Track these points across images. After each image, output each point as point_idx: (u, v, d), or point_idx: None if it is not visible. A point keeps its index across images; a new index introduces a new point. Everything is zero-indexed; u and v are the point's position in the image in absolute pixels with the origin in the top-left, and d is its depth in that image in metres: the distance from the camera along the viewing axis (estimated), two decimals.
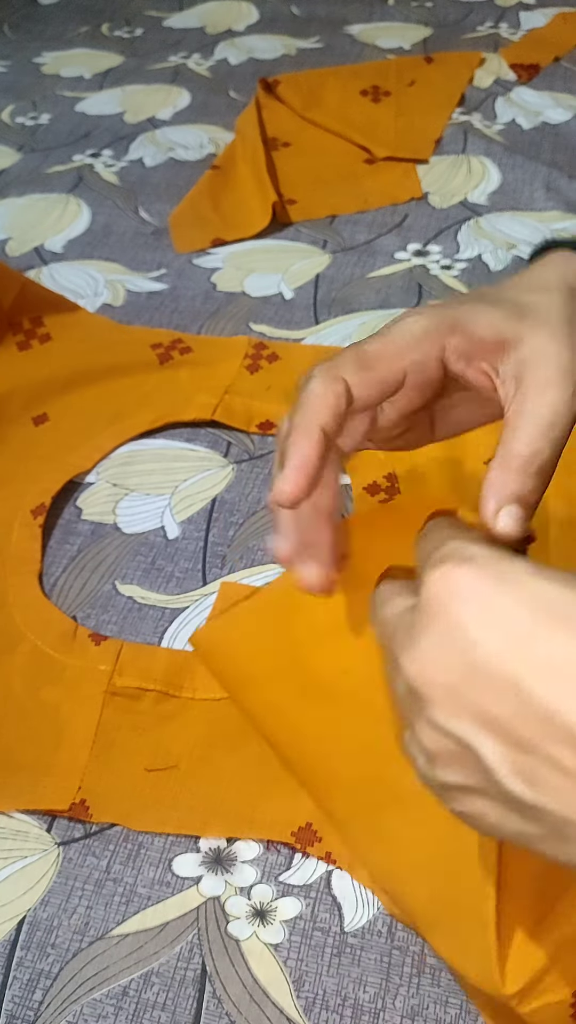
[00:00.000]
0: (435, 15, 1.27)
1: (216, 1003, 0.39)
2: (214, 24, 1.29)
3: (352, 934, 0.41)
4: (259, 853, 0.43)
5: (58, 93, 1.13)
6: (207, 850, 0.43)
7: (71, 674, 0.50)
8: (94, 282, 0.81)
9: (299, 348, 0.72)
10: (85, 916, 0.42)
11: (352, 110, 1.04)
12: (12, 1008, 0.39)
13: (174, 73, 1.16)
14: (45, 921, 0.41)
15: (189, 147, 1.01)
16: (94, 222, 0.89)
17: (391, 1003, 0.39)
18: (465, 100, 1.05)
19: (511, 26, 1.22)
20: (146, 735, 0.47)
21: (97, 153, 1.00)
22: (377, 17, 1.28)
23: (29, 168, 0.98)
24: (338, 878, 0.42)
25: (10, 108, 1.11)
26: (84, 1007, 0.39)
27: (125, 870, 0.43)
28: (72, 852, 0.44)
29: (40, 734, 0.47)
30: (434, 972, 0.39)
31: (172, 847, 0.44)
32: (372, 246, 0.83)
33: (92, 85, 1.15)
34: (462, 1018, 0.38)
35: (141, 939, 0.41)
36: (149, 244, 0.86)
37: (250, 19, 1.30)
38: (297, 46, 1.21)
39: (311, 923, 0.41)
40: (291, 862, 0.43)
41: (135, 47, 1.24)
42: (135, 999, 0.39)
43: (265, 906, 0.41)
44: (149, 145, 1.01)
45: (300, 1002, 0.39)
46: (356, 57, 1.17)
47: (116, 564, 0.57)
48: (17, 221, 0.89)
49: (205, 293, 0.79)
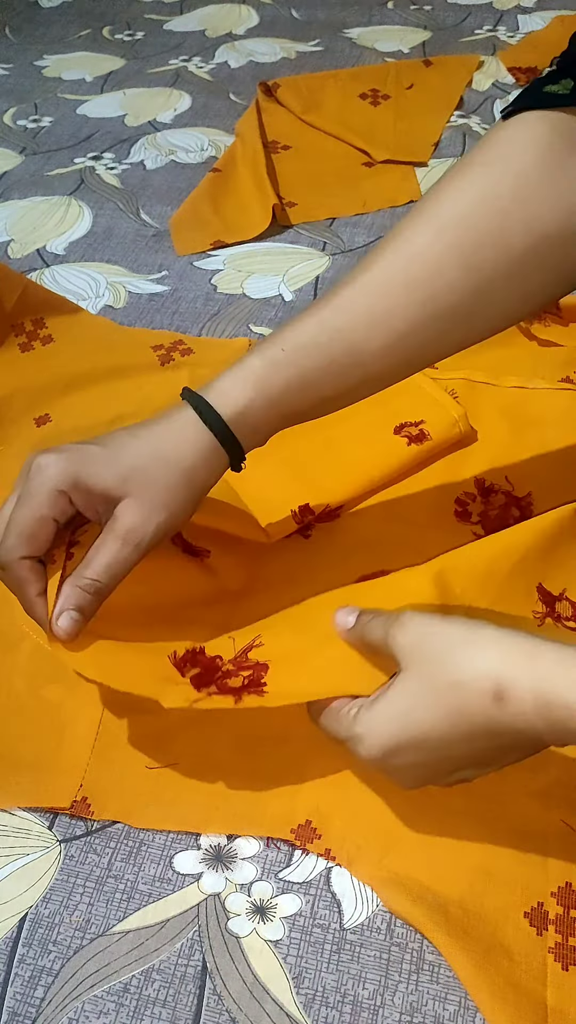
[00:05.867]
0: (434, 18, 1.27)
1: (216, 999, 0.39)
2: (214, 27, 1.30)
3: (351, 931, 0.41)
4: (259, 850, 0.43)
5: (60, 96, 1.14)
6: (207, 847, 0.44)
7: (72, 673, 0.50)
8: (96, 284, 0.81)
9: None
10: (86, 913, 0.42)
11: (351, 113, 1.04)
12: (14, 1005, 0.39)
13: (175, 76, 1.17)
14: (47, 918, 0.42)
15: (190, 150, 1.01)
16: (96, 224, 0.89)
17: (390, 999, 0.39)
18: (463, 103, 1.06)
19: (509, 29, 1.23)
20: (147, 733, 0.47)
21: (98, 156, 1.01)
22: (376, 20, 1.28)
23: (31, 171, 0.99)
24: (337, 875, 0.42)
25: (12, 111, 1.11)
26: (85, 1003, 0.39)
27: (126, 867, 0.43)
28: (73, 849, 0.44)
29: (42, 732, 0.48)
30: (433, 969, 0.40)
31: (173, 844, 0.44)
32: (371, 248, 0.83)
33: (93, 88, 1.15)
34: (460, 1014, 0.38)
35: (142, 936, 0.41)
36: (150, 246, 0.86)
37: (250, 23, 1.31)
38: (297, 49, 1.22)
39: (311, 920, 0.41)
40: (291, 859, 0.43)
41: (136, 50, 1.24)
42: (136, 995, 0.39)
43: (265, 903, 0.42)
44: (150, 148, 1.02)
45: (300, 998, 0.39)
46: (355, 60, 1.18)
47: None
48: (19, 223, 0.90)
49: (206, 295, 0.79)
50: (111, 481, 0.41)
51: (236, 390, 0.42)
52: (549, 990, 0.38)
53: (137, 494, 0.41)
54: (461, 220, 0.41)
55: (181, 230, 0.87)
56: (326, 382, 0.43)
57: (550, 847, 0.42)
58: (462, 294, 0.41)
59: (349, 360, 0.42)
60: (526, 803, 0.43)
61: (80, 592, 0.40)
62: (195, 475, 0.42)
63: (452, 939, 0.39)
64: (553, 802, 0.43)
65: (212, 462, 0.42)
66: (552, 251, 0.41)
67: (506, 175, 0.40)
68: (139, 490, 0.41)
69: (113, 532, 0.41)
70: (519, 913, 0.40)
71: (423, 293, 0.41)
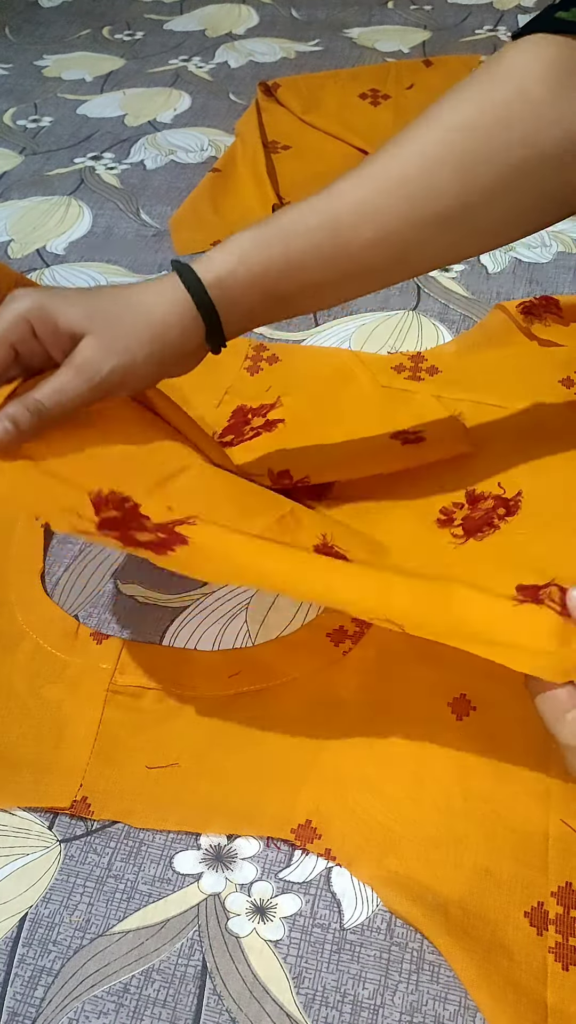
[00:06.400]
0: (434, 18, 1.27)
1: (216, 999, 0.39)
2: (214, 27, 1.30)
3: (351, 931, 0.41)
4: (259, 850, 0.43)
5: (60, 96, 1.14)
6: (208, 847, 0.44)
7: (73, 672, 0.50)
8: (95, 284, 0.81)
9: (299, 350, 0.72)
10: (86, 913, 0.42)
11: (351, 113, 1.04)
12: (14, 1005, 0.39)
13: (175, 76, 1.17)
14: (47, 918, 0.42)
15: (190, 150, 1.01)
16: (95, 224, 0.89)
17: (390, 999, 0.39)
18: None
19: (509, 29, 1.22)
20: (147, 733, 0.47)
21: (98, 156, 1.01)
22: (376, 20, 1.28)
23: (31, 171, 0.99)
24: (338, 875, 0.42)
25: (12, 111, 1.11)
26: (85, 1004, 0.39)
27: (126, 867, 0.43)
28: (73, 849, 0.44)
29: (42, 732, 0.48)
30: (433, 969, 0.40)
31: (173, 844, 0.44)
32: None
33: (93, 88, 1.15)
34: (460, 1014, 0.38)
35: (142, 936, 0.41)
36: (150, 246, 0.86)
37: (250, 22, 1.31)
38: (297, 49, 1.22)
39: (311, 920, 0.41)
40: (291, 859, 0.43)
41: (136, 50, 1.24)
42: (136, 996, 0.39)
43: (265, 903, 0.42)
44: (150, 148, 1.02)
45: (300, 998, 0.39)
46: (355, 60, 1.18)
47: (118, 563, 0.57)
48: (19, 223, 0.90)
49: None
50: (76, 316, 0.41)
51: (219, 258, 0.43)
52: (549, 990, 0.38)
53: (99, 333, 0.41)
54: (461, 126, 0.42)
55: (181, 230, 0.87)
56: (313, 266, 0.43)
57: (550, 847, 0.42)
58: (455, 199, 0.42)
59: (336, 246, 0.43)
60: (526, 803, 0.43)
61: (20, 407, 0.40)
62: (165, 331, 0.42)
63: (452, 939, 0.39)
64: (553, 802, 0.43)
65: (186, 323, 0.43)
66: (549, 171, 0.42)
67: (510, 90, 0.41)
68: (102, 329, 0.41)
69: (68, 362, 0.41)
70: (519, 913, 0.40)
71: (415, 191, 0.42)
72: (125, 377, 0.42)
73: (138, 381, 0.44)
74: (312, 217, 0.43)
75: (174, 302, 0.43)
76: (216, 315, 0.43)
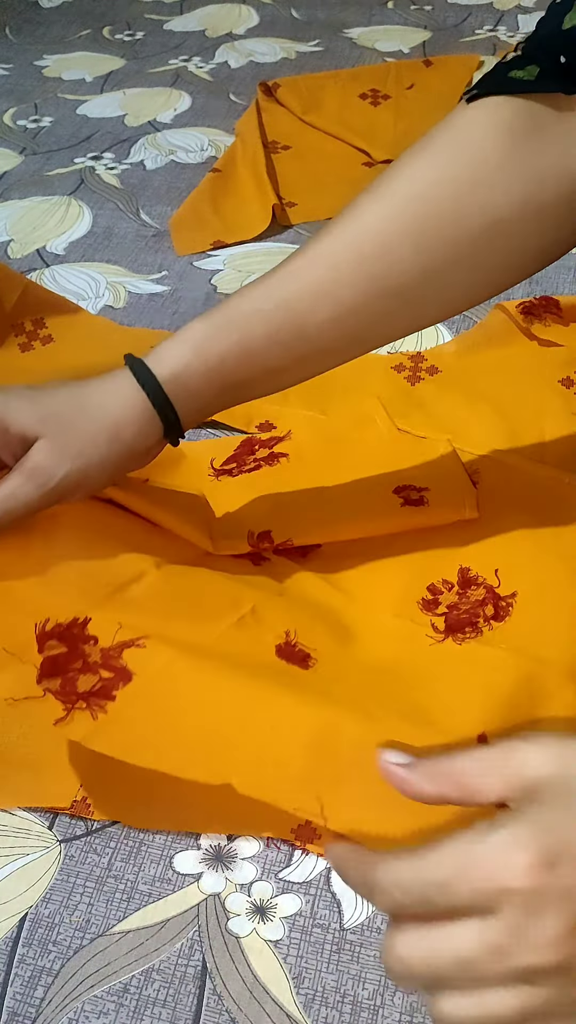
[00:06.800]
0: (434, 18, 1.28)
1: (216, 999, 0.39)
2: (214, 27, 1.30)
3: (351, 931, 0.41)
4: (259, 850, 0.44)
5: (60, 96, 1.14)
6: (207, 847, 0.44)
7: None
8: (95, 284, 0.81)
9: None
10: (86, 913, 0.42)
11: (351, 113, 1.04)
12: (14, 1005, 0.39)
13: (175, 76, 1.17)
14: (47, 918, 0.42)
15: (190, 150, 1.01)
16: (95, 224, 0.89)
17: (390, 999, 0.39)
18: None
19: (509, 29, 1.23)
20: None
21: (98, 156, 1.01)
22: (376, 20, 1.28)
23: (31, 171, 0.99)
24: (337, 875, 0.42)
25: (12, 111, 1.11)
26: (85, 1004, 0.39)
27: (126, 867, 0.43)
28: (73, 849, 0.44)
29: (42, 732, 0.48)
30: None
31: (173, 844, 0.44)
32: None
33: (93, 88, 1.15)
34: None
35: (142, 936, 0.41)
36: (150, 246, 0.86)
37: (250, 22, 1.31)
38: (297, 49, 1.22)
39: (311, 920, 0.41)
40: (291, 859, 0.43)
41: (136, 50, 1.24)
42: (136, 996, 0.39)
43: (265, 903, 0.42)
44: (150, 148, 1.02)
45: (300, 998, 0.39)
46: (355, 60, 1.18)
47: None
48: (19, 223, 0.90)
49: (206, 295, 0.79)
50: (28, 421, 0.40)
51: (174, 352, 0.42)
52: None
53: (52, 437, 0.40)
54: (415, 199, 0.41)
55: (181, 230, 0.88)
56: (270, 352, 0.42)
57: None
58: (412, 274, 0.41)
59: (293, 330, 0.42)
60: None
61: None
62: (120, 432, 0.41)
63: None
64: None
65: (143, 422, 0.42)
66: (506, 237, 0.41)
67: (465, 158, 0.40)
68: (55, 433, 0.40)
69: (19, 467, 0.41)
70: None
71: (372, 269, 0.41)
72: (80, 481, 0.41)
73: (93, 484, 0.43)
74: (267, 301, 0.41)
75: (128, 401, 0.41)
76: (173, 411, 0.42)
